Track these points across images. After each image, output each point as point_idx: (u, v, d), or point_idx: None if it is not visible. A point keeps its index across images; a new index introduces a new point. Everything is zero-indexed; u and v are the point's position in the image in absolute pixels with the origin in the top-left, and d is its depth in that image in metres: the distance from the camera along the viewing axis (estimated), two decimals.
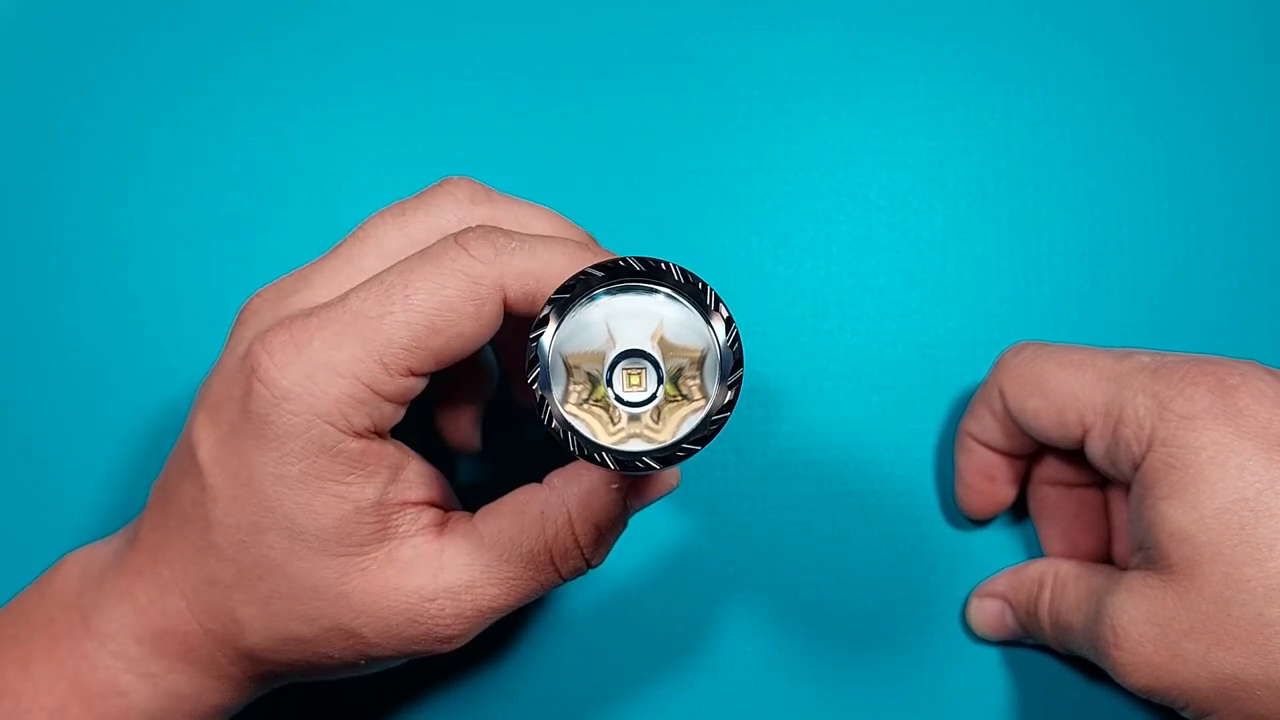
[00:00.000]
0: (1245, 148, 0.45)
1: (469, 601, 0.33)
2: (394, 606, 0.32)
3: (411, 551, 0.32)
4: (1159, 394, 0.34)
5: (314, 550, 0.32)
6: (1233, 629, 0.32)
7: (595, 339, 0.30)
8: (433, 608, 0.32)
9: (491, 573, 0.33)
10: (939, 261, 0.44)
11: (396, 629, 0.32)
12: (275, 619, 0.32)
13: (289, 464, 0.31)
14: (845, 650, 0.43)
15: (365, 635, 0.32)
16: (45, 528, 0.44)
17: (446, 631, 0.33)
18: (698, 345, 0.30)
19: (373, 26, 0.46)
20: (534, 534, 0.33)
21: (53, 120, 0.46)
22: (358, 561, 0.32)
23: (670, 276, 0.30)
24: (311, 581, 0.32)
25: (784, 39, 0.46)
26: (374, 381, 0.31)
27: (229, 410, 0.32)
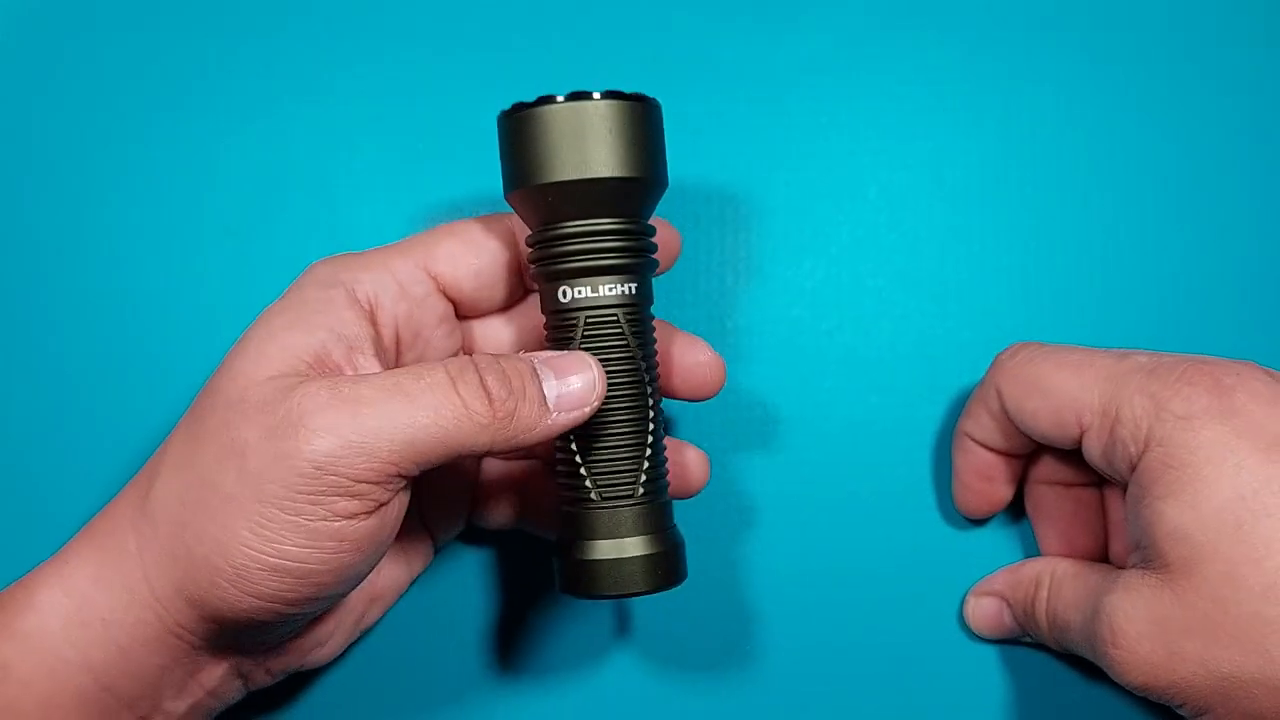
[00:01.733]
0: (1245, 148, 0.45)
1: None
2: (276, 414, 0.32)
3: (316, 385, 0.33)
4: (1156, 394, 0.35)
5: (244, 369, 0.34)
6: (1230, 627, 0.32)
7: None
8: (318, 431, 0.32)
9: (376, 416, 0.32)
10: (937, 262, 0.45)
11: (275, 432, 0.32)
12: (178, 442, 0.34)
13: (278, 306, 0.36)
14: (844, 649, 0.43)
15: (248, 446, 0.32)
16: (46, 528, 0.44)
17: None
18: None
19: (373, 27, 0.46)
20: (430, 376, 0.33)
21: (51, 120, 0.46)
22: (275, 382, 0.33)
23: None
24: (227, 390, 0.33)
25: (783, 40, 0.46)
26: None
27: None
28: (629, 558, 0.35)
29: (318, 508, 0.31)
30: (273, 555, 0.32)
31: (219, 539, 0.32)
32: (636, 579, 0.35)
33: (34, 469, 0.44)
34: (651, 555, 0.35)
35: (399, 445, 0.31)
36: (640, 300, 0.36)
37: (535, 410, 0.33)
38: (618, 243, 0.35)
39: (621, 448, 0.36)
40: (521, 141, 0.35)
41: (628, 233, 0.35)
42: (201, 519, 0.32)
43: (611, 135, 0.35)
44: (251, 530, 0.31)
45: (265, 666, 0.37)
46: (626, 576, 0.35)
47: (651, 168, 0.35)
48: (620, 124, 0.35)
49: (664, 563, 0.35)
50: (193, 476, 0.33)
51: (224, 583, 0.32)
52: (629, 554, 0.35)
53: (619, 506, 0.35)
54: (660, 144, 0.36)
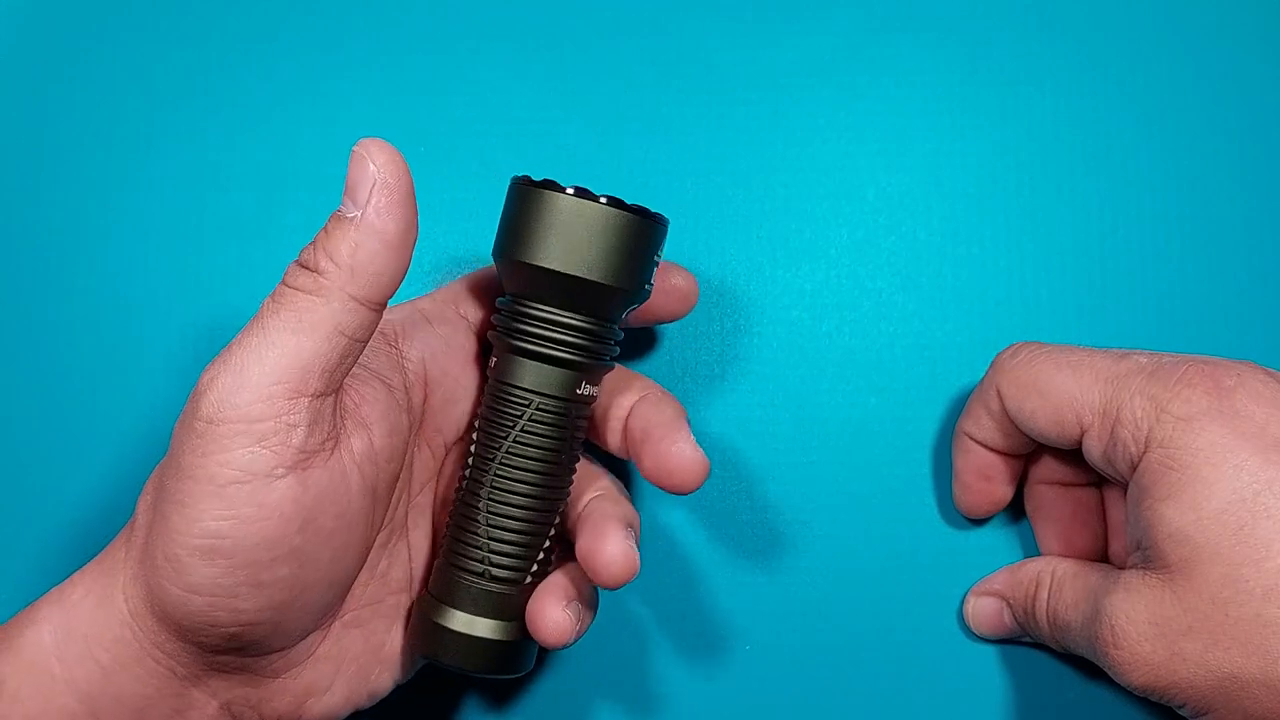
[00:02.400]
0: (1244, 148, 0.45)
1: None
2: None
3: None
4: (1156, 395, 0.35)
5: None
6: (1231, 628, 0.32)
7: None
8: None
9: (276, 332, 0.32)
10: (936, 263, 0.45)
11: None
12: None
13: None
14: (844, 649, 0.43)
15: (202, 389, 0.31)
16: (46, 529, 0.44)
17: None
18: None
19: (373, 27, 0.46)
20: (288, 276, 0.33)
21: (52, 120, 0.46)
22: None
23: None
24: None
25: (782, 42, 0.46)
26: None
27: None
28: (475, 636, 0.35)
29: (224, 467, 0.30)
30: (197, 535, 0.31)
31: (159, 532, 0.31)
32: (478, 658, 0.35)
33: (34, 468, 0.44)
34: (496, 641, 0.36)
35: (270, 362, 0.31)
36: (550, 393, 0.36)
37: (347, 234, 0.32)
38: (597, 344, 0.36)
39: (491, 529, 0.36)
40: (526, 217, 0.35)
41: (605, 336, 0.36)
42: (154, 517, 0.32)
43: (615, 244, 0.35)
44: (178, 513, 0.31)
45: (260, 713, 0.35)
46: (470, 652, 0.35)
47: (640, 281, 0.36)
48: (631, 239, 0.35)
49: (508, 652, 0.36)
50: (157, 482, 0.33)
51: (165, 581, 0.31)
52: (475, 632, 0.35)
53: (475, 585, 0.36)
54: (653, 260, 0.36)
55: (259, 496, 0.31)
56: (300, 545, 0.32)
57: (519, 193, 0.35)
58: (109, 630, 0.33)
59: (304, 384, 0.31)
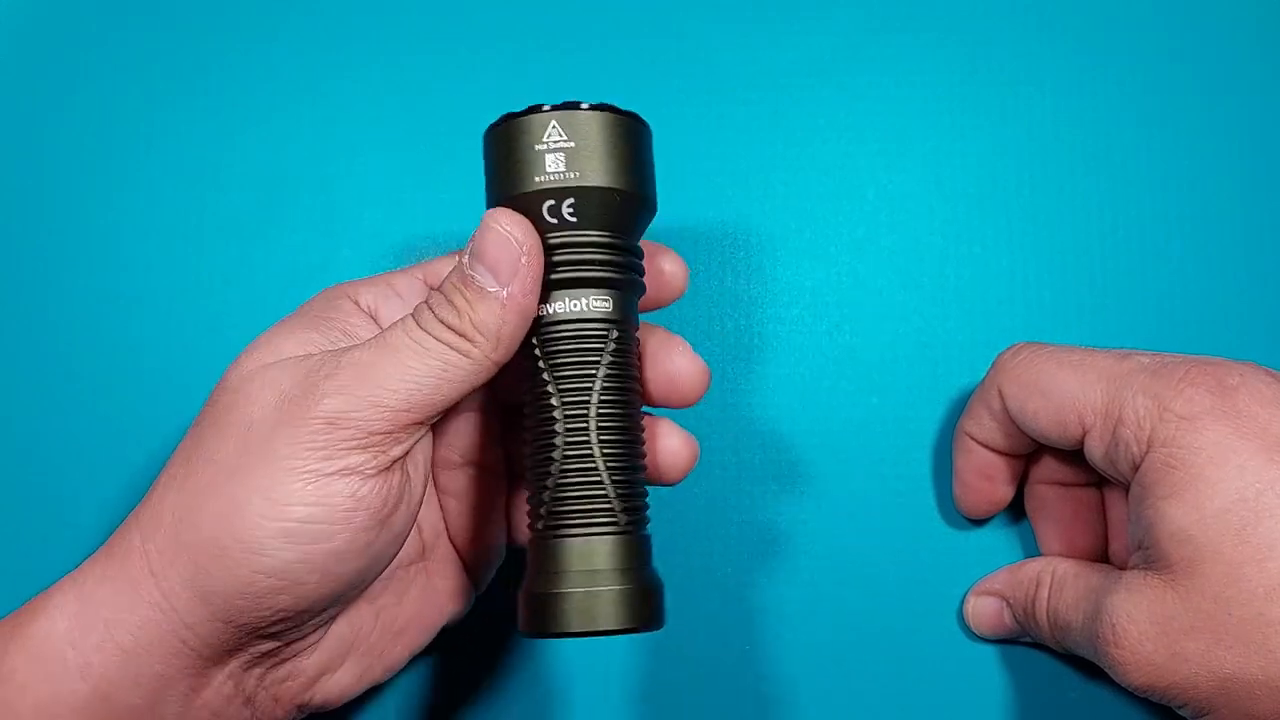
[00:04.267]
0: (1244, 148, 0.45)
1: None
2: (277, 365, 0.33)
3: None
4: (1159, 395, 0.35)
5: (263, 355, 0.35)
6: (1233, 628, 0.32)
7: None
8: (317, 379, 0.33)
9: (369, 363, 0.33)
10: (937, 262, 0.45)
11: (277, 384, 0.33)
12: (195, 426, 0.34)
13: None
14: (844, 648, 0.43)
15: (250, 394, 0.33)
16: (46, 531, 0.44)
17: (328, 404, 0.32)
18: None
19: (373, 28, 0.46)
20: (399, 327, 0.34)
21: (51, 120, 0.46)
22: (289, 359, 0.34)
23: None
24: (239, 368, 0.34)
25: (782, 42, 0.46)
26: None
27: None
28: (599, 591, 0.33)
29: (330, 462, 0.32)
30: (284, 519, 0.31)
31: (226, 514, 0.32)
32: (604, 613, 0.32)
33: (37, 467, 0.44)
34: (625, 590, 0.33)
35: (406, 394, 0.32)
36: (624, 318, 0.34)
37: (490, 307, 0.33)
38: (604, 256, 0.34)
39: (611, 473, 0.33)
40: (506, 150, 0.34)
41: (624, 249, 0.34)
42: (208, 500, 0.32)
43: (601, 146, 0.34)
44: (263, 496, 0.31)
45: (273, 694, 0.36)
46: (595, 609, 0.32)
47: (641, 183, 0.34)
48: (611, 137, 0.34)
49: (638, 601, 0.33)
50: (198, 462, 0.33)
51: (234, 561, 0.31)
52: (600, 586, 0.33)
53: (591, 535, 0.33)
54: (649, 161, 0.35)
55: (357, 491, 0.32)
56: (374, 541, 0.33)
57: (524, 125, 0.34)
58: (134, 613, 0.33)
59: (427, 417, 0.33)
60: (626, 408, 0.34)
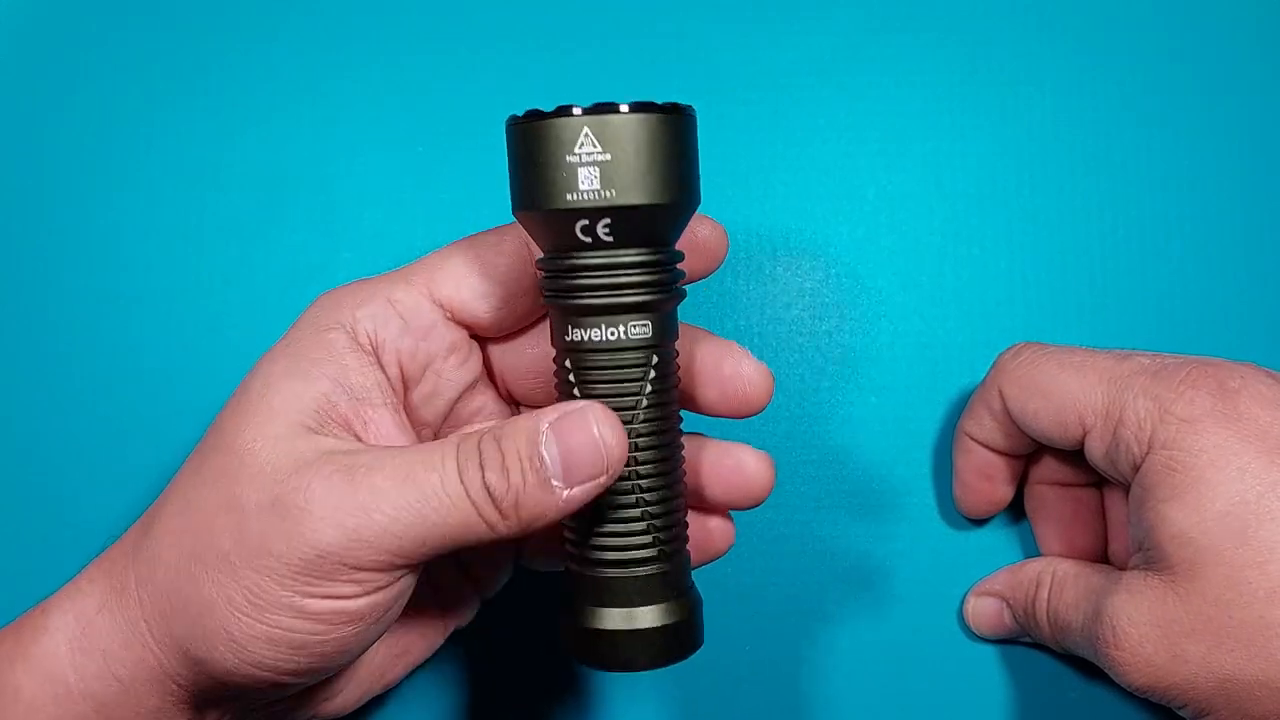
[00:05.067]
0: (1244, 148, 0.45)
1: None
2: (281, 483, 0.31)
3: (318, 450, 0.31)
4: (1160, 396, 0.35)
5: (254, 412, 0.32)
6: (1234, 630, 0.33)
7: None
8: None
9: (389, 467, 0.31)
10: (937, 263, 0.45)
11: (277, 506, 0.30)
12: (179, 485, 0.33)
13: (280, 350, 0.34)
14: (844, 649, 0.43)
15: (246, 505, 0.30)
16: (45, 529, 0.44)
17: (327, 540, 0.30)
18: None
19: (373, 28, 0.46)
20: (443, 447, 0.31)
21: (51, 120, 0.46)
22: (279, 431, 0.32)
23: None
24: (233, 434, 0.32)
25: (782, 42, 0.46)
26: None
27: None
28: (639, 630, 0.32)
29: (315, 589, 0.30)
30: (269, 625, 0.30)
31: (214, 602, 0.31)
32: (645, 652, 0.32)
33: (36, 468, 0.44)
34: (664, 627, 0.32)
35: (405, 542, 0.30)
36: (664, 341, 0.32)
37: (542, 498, 0.30)
38: (643, 277, 0.31)
39: (650, 506, 0.32)
40: (532, 155, 0.30)
41: (663, 264, 0.31)
42: (199, 575, 0.31)
43: (662, 154, 0.30)
44: (247, 599, 0.30)
45: (273, 715, 0.36)
46: (635, 649, 0.32)
47: (684, 190, 0.31)
48: (650, 144, 0.30)
49: (677, 633, 0.32)
50: (191, 523, 0.32)
51: (221, 647, 0.31)
52: (639, 625, 0.32)
53: (629, 575, 0.32)
54: (694, 158, 0.32)
55: (343, 611, 0.31)
56: (368, 637, 0.32)
57: (553, 131, 0.30)
58: (129, 650, 0.32)
59: (415, 559, 0.31)
60: (666, 434, 0.32)
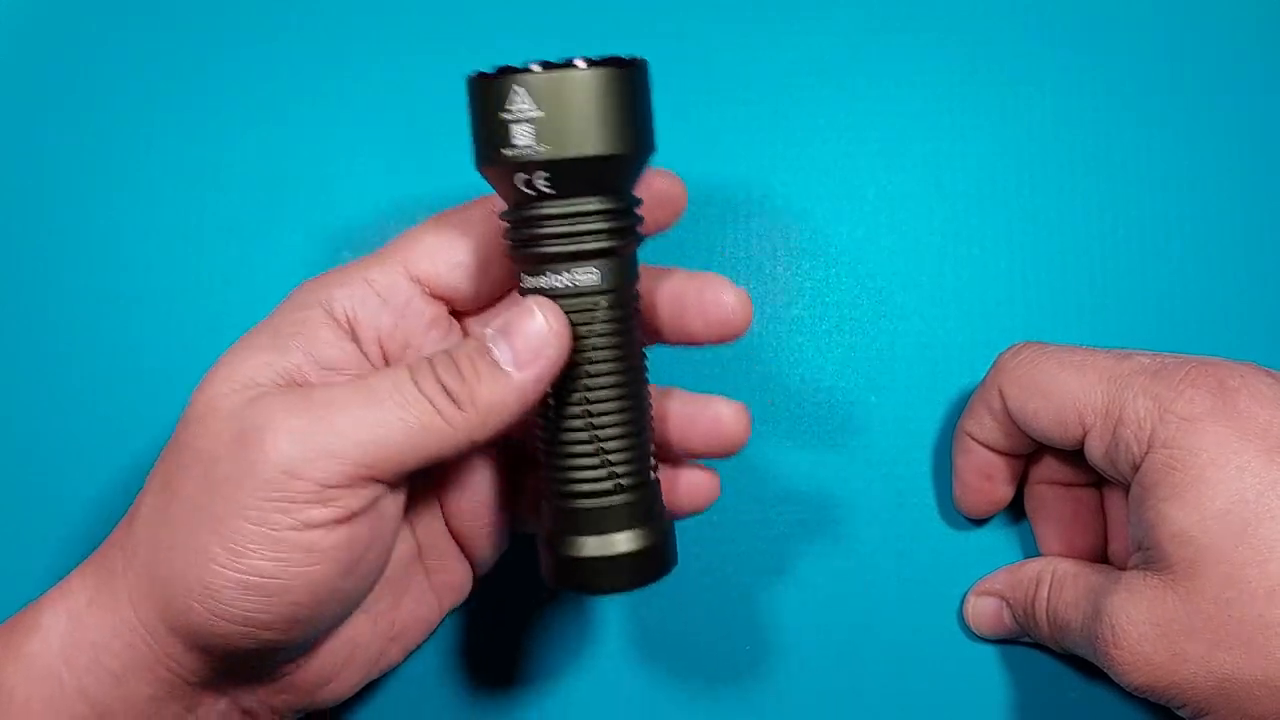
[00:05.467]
0: (1244, 148, 0.45)
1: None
2: (242, 421, 0.31)
3: (284, 395, 0.32)
4: (1159, 395, 0.35)
5: (220, 385, 0.32)
6: (1234, 630, 0.33)
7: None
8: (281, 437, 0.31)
9: (345, 412, 0.31)
10: (937, 262, 0.45)
11: (242, 439, 0.31)
12: (160, 463, 0.33)
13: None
14: (843, 648, 0.43)
15: (215, 452, 0.31)
16: (45, 529, 0.44)
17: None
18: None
19: (373, 28, 0.46)
20: (390, 373, 0.32)
21: (52, 120, 0.46)
22: (245, 390, 0.32)
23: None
24: (203, 405, 0.32)
25: (782, 42, 0.46)
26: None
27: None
28: (616, 555, 0.33)
29: (285, 516, 0.30)
30: (242, 570, 0.30)
31: (188, 555, 0.31)
32: (623, 576, 0.34)
33: (36, 468, 0.44)
34: (638, 551, 0.34)
35: (368, 448, 0.30)
36: (616, 285, 0.33)
37: (496, 385, 0.31)
38: (597, 225, 0.32)
39: (605, 442, 0.33)
40: (490, 110, 0.32)
41: (610, 213, 0.32)
42: (173, 535, 0.31)
43: (594, 108, 0.31)
44: (221, 545, 0.30)
45: (270, 705, 0.36)
46: (614, 573, 0.34)
47: (621, 141, 0.31)
48: (584, 99, 0.31)
49: (651, 556, 0.34)
50: (165, 493, 0.32)
51: (195, 604, 0.31)
52: (616, 550, 0.33)
53: (602, 504, 0.33)
54: (633, 110, 0.32)
55: (314, 544, 0.31)
56: (344, 586, 0.32)
57: (488, 90, 0.32)
58: (118, 638, 0.32)
59: (388, 477, 0.31)
60: (621, 375, 0.33)
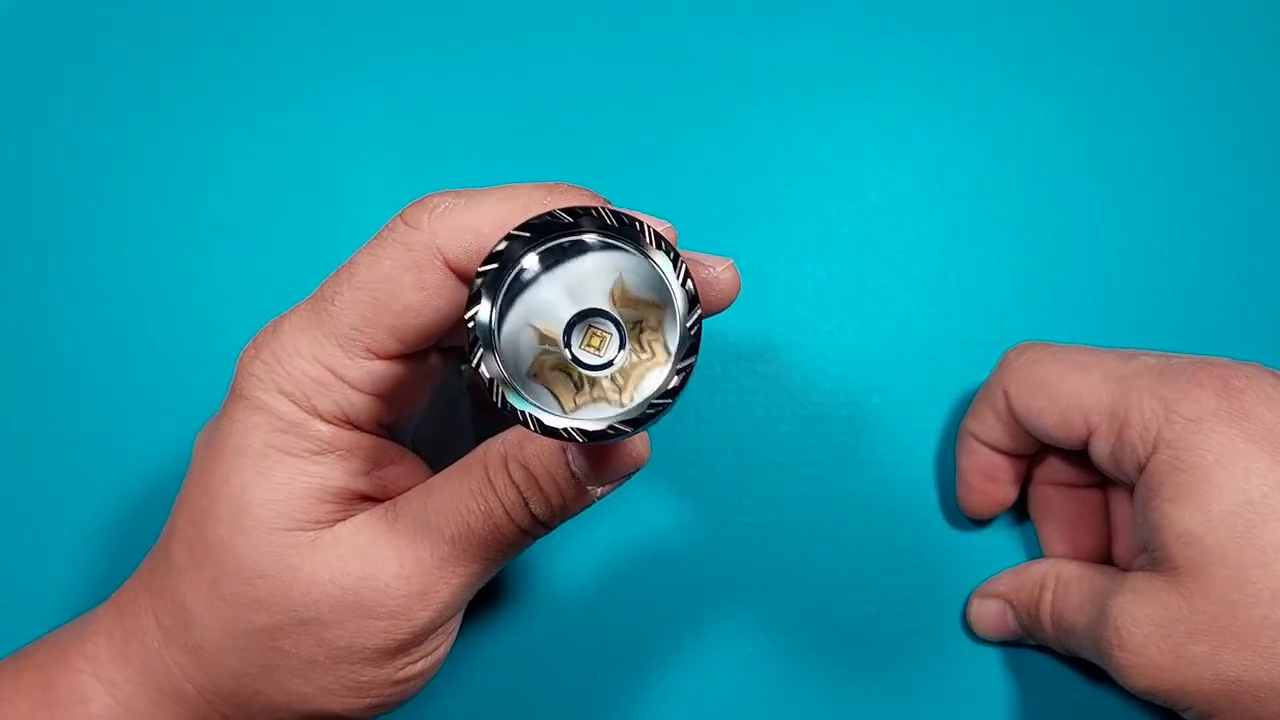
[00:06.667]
0: (1245, 148, 0.45)
1: (428, 550, 0.31)
2: (349, 586, 0.31)
3: (364, 521, 0.31)
4: (1165, 396, 0.34)
5: (261, 525, 0.30)
6: (1239, 631, 0.32)
7: (556, 304, 0.27)
8: (393, 566, 0.31)
9: (440, 518, 0.31)
10: (940, 262, 0.44)
11: (357, 608, 0.31)
12: (223, 603, 0.31)
13: (252, 436, 0.31)
14: (846, 650, 0.43)
15: (323, 619, 0.31)
16: (44, 529, 0.44)
17: (417, 587, 0.31)
18: (658, 299, 0.27)
19: (375, 28, 0.46)
20: (476, 477, 0.31)
21: (53, 120, 0.46)
22: (309, 537, 0.31)
23: (600, 219, 0.27)
24: (257, 557, 0.30)
25: (785, 41, 0.46)
26: (334, 365, 0.30)
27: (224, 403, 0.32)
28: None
29: (406, 658, 0.33)
30: (368, 698, 0.33)
31: (306, 694, 0.32)
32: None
33: (33, 468, 0.44)
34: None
35: (476, 571, 0.32)
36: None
37: (580, 504, 0.32)
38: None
39: None
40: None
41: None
42: (280, 679, 0.32)
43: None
44: (344, 686, 0.32)
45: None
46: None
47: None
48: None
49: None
50: (253, 637, 0.31)
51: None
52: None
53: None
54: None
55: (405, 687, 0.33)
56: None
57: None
58: (142, 666, 0.33)
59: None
60: None
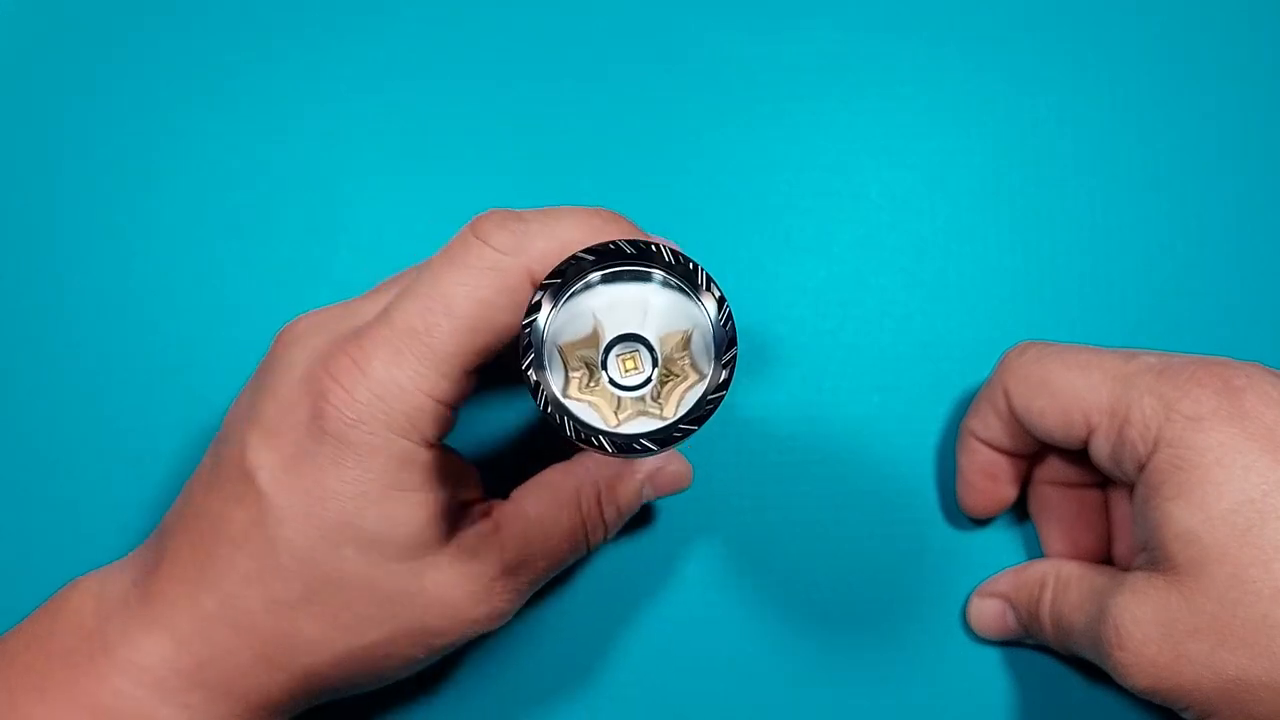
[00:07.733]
0: (1246, 148, 0.45)
1: (525, 577, 0.36)
2: (463, 593, 0.34)
3: (475, 540, 0.34)
4: (1165, 395, 0.34)
5: (394, 558, 0.33)
6: (1238, 630, 0.32)
7: (589, 326, 0.30)
8: (497, 586, 0.35)
9: (538, 547, 0.36)
10: (940, 261, 0.44)
11: (464, 613, 0.34)
12: (345, 631, 0.33)
13: (371, 480, 0.32)
14: (845, 650, 0.43)
15: (435, 626, 0.34)
16: (45, 530, 0.44)
17: (507, 606, 0.35)
18: (685, 326, 0.31)
19: (377, 28, 0.46)
20: (571, 512, 0.37)
21: (56, 120, 0.46)
22: (433, 560, 0.34)
23: (660, 258, 0.30)
24: (392, 587, 0.33)
25: (785, 40, 0.46)
26: (436, 391, 0.32)
27: (292, 434, 0.33)
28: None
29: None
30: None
31: (386, 677, 0.36)
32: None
33: (33, 468, 0.44)
34: None
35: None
36: None
37: (636, 506, 0.39)
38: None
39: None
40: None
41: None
42: (374, 675, 0.35)
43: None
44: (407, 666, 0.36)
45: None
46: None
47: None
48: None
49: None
50: (364, 651, 0.34)
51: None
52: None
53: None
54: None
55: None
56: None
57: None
58: (225, 689, 0.34)
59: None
60: None
